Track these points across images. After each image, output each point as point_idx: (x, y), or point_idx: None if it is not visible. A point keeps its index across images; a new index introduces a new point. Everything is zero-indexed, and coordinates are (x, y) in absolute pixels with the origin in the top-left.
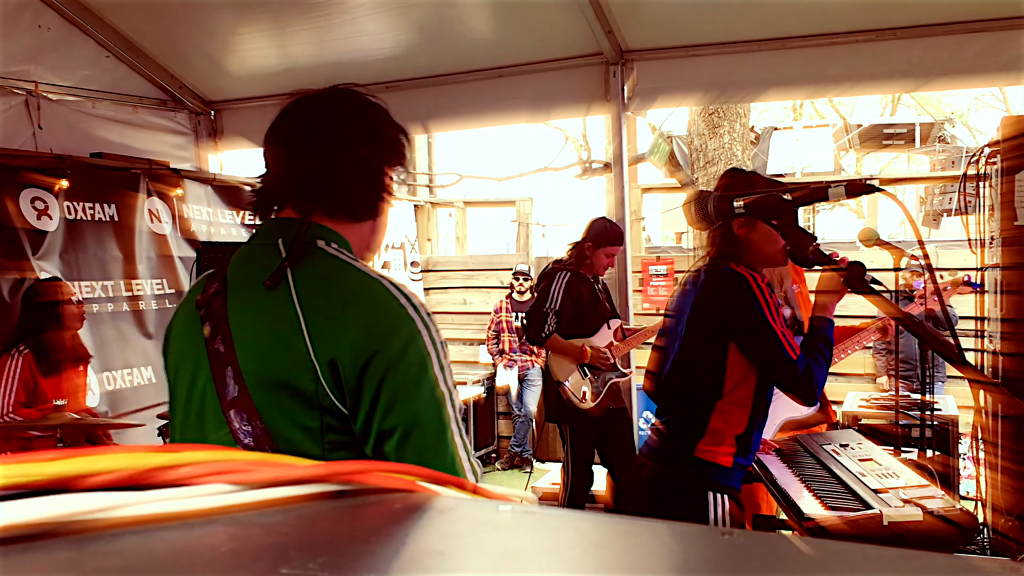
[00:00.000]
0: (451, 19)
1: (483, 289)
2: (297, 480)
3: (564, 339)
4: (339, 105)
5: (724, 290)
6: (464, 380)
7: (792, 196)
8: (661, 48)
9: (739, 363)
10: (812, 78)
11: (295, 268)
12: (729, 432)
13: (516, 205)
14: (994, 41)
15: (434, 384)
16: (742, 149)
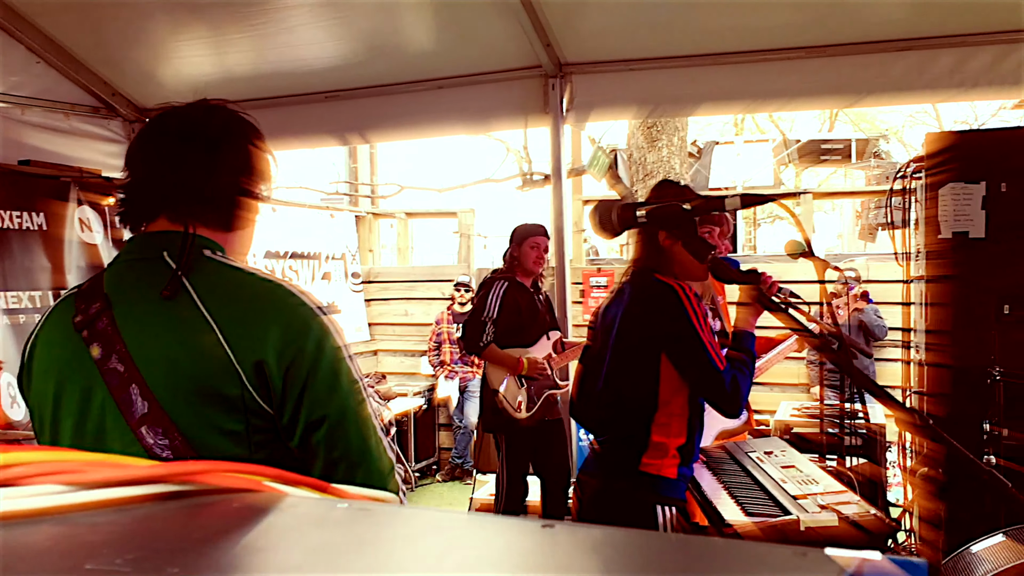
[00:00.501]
0: (391, 30)
1: (424, 300)
2: (134, 480)
3: (501, 349)
4: (207, 118)
5: (653, 300)
6: (404, 392)
7: (691, 206)
8: (599, 62)
9: (672, 374)
10: (745, 93)
11: (191, 278)
12: (671, 444)
13: (458, 216)
14: (919, 60)
15: (351, 373)
16: (680, 162)
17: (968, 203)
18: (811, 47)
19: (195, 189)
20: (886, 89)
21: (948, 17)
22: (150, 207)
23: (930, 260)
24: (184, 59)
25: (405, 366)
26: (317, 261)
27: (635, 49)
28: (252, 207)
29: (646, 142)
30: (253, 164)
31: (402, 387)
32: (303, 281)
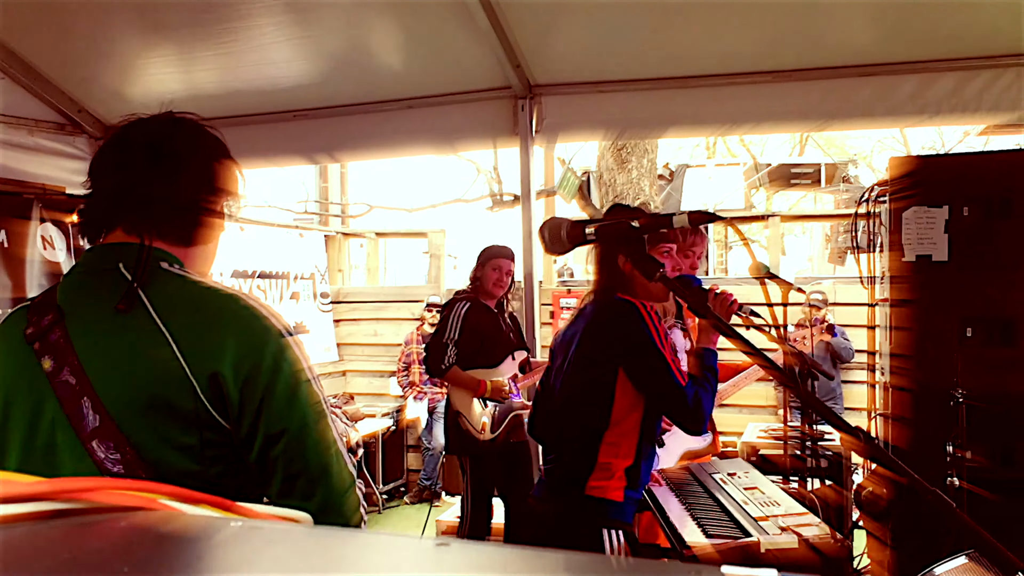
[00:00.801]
0: (360, 49)
1: (394, 321)
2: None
3: (464, 371)
4: (170, 131)
5: (613, 316)
6: (373, 412)
7: (640, 223)
8: (568, 83)
9: (627, 392)
10: (712, 117)
11: (147, 290)
12: (619, 465)
13: (428, 237)
14: (883, 85)
15: (310, 386)
16: (649, 184)
17: (931, 227)
18: (777, 71)
19: (154, 202)
20: (851, 114)
21: (912, 43)
22: (109, 218)
23: (894, 283)
24: (152, 76)
25: (374, 387)
26: (286, 281)
27: (604, 71)
28: (213, 222)
29: (616, 164)
30: (215, 179)
31: (371, 408)
32: (271, 300)
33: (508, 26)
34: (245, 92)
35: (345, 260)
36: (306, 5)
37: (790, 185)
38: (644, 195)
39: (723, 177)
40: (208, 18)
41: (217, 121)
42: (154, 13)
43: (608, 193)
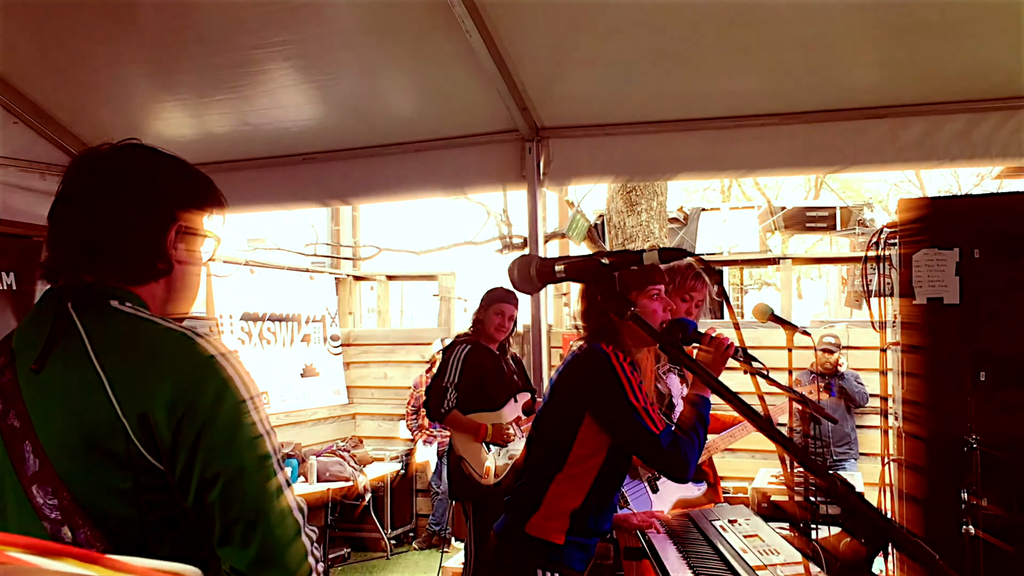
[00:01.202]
0: (369, 94)
1: (403, 363)
2: None
3: (465, 415)
4: (117, 163)
5: (584, 365)
6: (382, 456)
7: (610, 261)
8: (575, 126)
9: (590, 437)
10: (720, 159)
11: (90, 329)
12: (563, 507)
13: (438, 279)
14: (891, 127)
15: (252, 428)
16: (659, 227)
17: (942, 269)
18: (784, 114)
19: (92, 239)
20: (859, 156)
21: (919, 84)
22: (64, 259)
23: (905, 327)
24: (164, 120)
25: (383, 430)
26: (296, 323)
27: (611, 114)
28: (166, 254)
29: (625, 206)
30: (163, 208)
31: (379, 451)
32: (281, 343)
33: (515, 69)
34: (255, 135)
35: (356, 303)
36: (316, 50)
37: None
38: (654, 237)
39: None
40: (220, 62)
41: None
42: (167, 58)
43: (618, 236)
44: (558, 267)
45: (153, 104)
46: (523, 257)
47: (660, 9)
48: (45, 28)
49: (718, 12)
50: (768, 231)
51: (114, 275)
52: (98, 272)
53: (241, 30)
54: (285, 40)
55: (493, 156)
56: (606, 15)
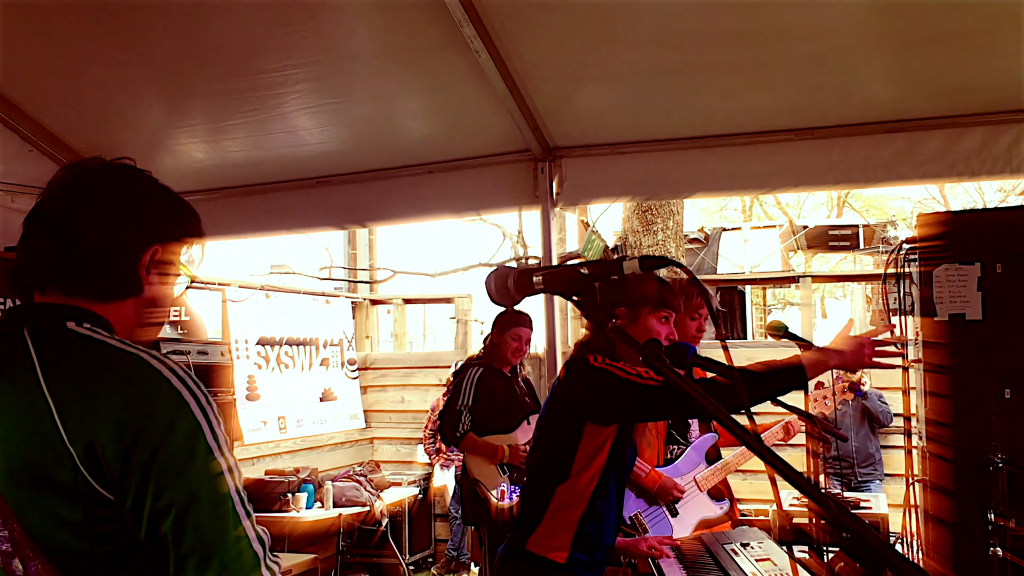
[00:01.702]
0: (381, 116)
1: (421, 387)
2: None
3: (480, 437)
4: (104, 179)
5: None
6: (399, 480)
7: (588, 271)
8: (588, 145)
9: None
10: (735, 176)
11: (42, 353)
12: (565, 519)
13: (455, 302)
14: (909, 141)
15: (208, 455)
16: (676, 246)
17: (964, 285)
18: (800, 129)
19: (57, 257)
20: (876, 171)
21: (937, 97)
22: (33, 266)
23: (927, 344)
24: (179, 146)
25: (401, 454)
26: (314, 347)
27: (624, 132)
28: (135, 273)
29: (641, 226)
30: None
31: (397, 476)
32: (300, 367)
33: (526, 89)
34: (269, 159)
35: (373, 326)
36: (327, 73)
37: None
38: (671, 256)
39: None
40: (233, 87)
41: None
42: (180, 83)
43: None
44: (536, 278)
45: (168, 129)
46: (500, 268)
47: (671, 25)
48: (60, 56)
49: (730, 28)
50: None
51: (82, 289)
52: (64, 284)
53: (253, 55)
54: (297, 64)
55: (506, 177)
56: (617, 32)
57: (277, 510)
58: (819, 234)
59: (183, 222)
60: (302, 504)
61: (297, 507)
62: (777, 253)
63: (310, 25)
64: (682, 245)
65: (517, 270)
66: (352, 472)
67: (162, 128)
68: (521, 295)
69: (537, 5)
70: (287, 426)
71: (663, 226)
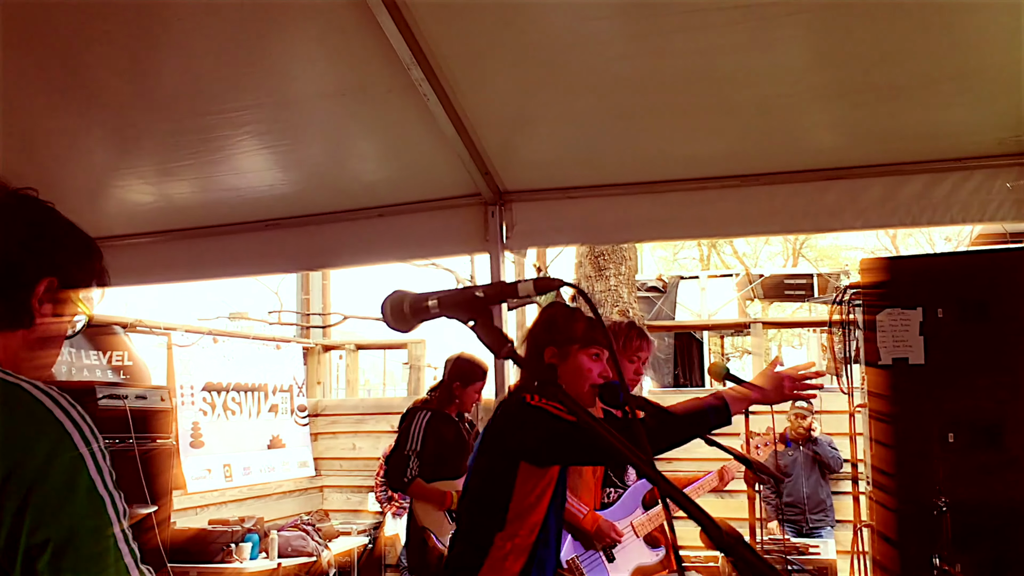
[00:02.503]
0: (330, 159)
1: (373, 434)
2: None
3: (428, 483)
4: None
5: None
6: (349, 530)
7: (484, 293)
8: (538, 189)
9: (528, 490)
10: (682, 221)
11: None
12: (508, 568)
13: (408, 347)
14: (852, 188)
15: (91, 489)
16: (628, 291)
17: (906, 329)
18: (744, 176)
19: None
20: (818, 218)
21: (878, 145)
22: None
23: (872, 394)
24: (124, 187)
25: (352, 503)
26: (263, 393)
27: (573, 177)
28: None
29: (593, 271)
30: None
31: (347, 525)
32: (247, 414)
33: (475, 133)
34: (216, 201)
35: (324, 372)
36: (275, 116)
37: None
38: (623, 303)
39: (716, 288)
40: (180, 127)
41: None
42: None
43: None
44: (431, 302)
45: (114, 171)
46: (396, 293)
47: (619, 71)
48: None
49: (678, 74)
50: (747, 298)
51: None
52: None
53: (200, 95)
54: (245, 105)
55: (457, 221)
56: (566, 77)
57: (219, 561)
58: (775, 283)
59: (84, 257)
60: (246, 555)
61: (241, 558)
62: (734, 302)
63: (258, 66)
64: (635, 291)
65: (412, 295)
66: (300, 521)
67: (108, 169)
68: (417, 319)
69: (486, 50)
70: (233, 474)
71: (615, 271)
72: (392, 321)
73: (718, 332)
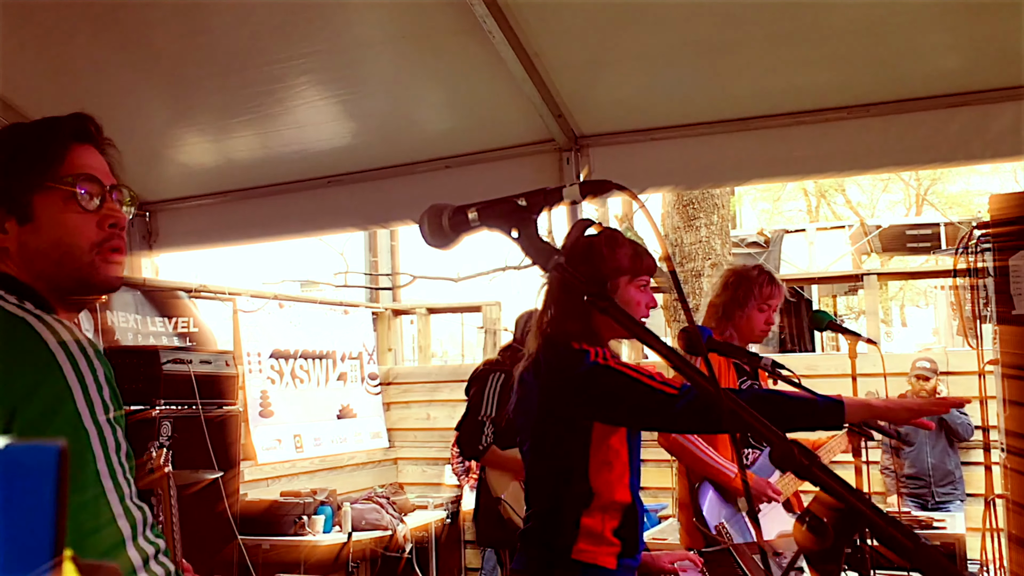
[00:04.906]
0: (393, 108)
1: (448, 403)
2: None
3: (503, 450)
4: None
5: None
6: (425, 504)
7: (527, 201)
8: (617, 132)
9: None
10: (782, 162)
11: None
12: (606, 528)
13: (483, 310)
14: (979, 116)
15: (75, 420)
16: (721, 243)
17: None
18: (852, 107)
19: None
20: (941, 150)
21: (1009, 66)
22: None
23: (1004, 348)
24: (184, 147)
25: (428, 476)
26: (331, 361)
27: (656, 117)
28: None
29: (683, 222)
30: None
31: (423, 499)
32: (315, 382)
33: (547, 73)
34: (278, 157)
35: (395, 338)
36: (336, 63)
37: (906, 249)
38: (716, 255)
39: (826, 242)
40: (238, 82)
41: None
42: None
43: (676, 254)
44: (471, 214)
45: (171, 129)
46: (433, 207)
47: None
48: (57, 58)
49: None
50: (863, 253)
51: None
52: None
53: (258, 46)
54: (303, 53)
55: (529, 169)
56: (645, 9)
57: (292, 534)
58: (895, 235)
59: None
60: (319, 528)
61: (314, 530)
62: (848, 256)
63: (314, 11)
64: (728, 242)
65: (453, 207)
66: (373, 494)
67: (166, 128)
68: (457, 232)
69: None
70: (303, 445)
71: (707, 221)
72: (430, 236)
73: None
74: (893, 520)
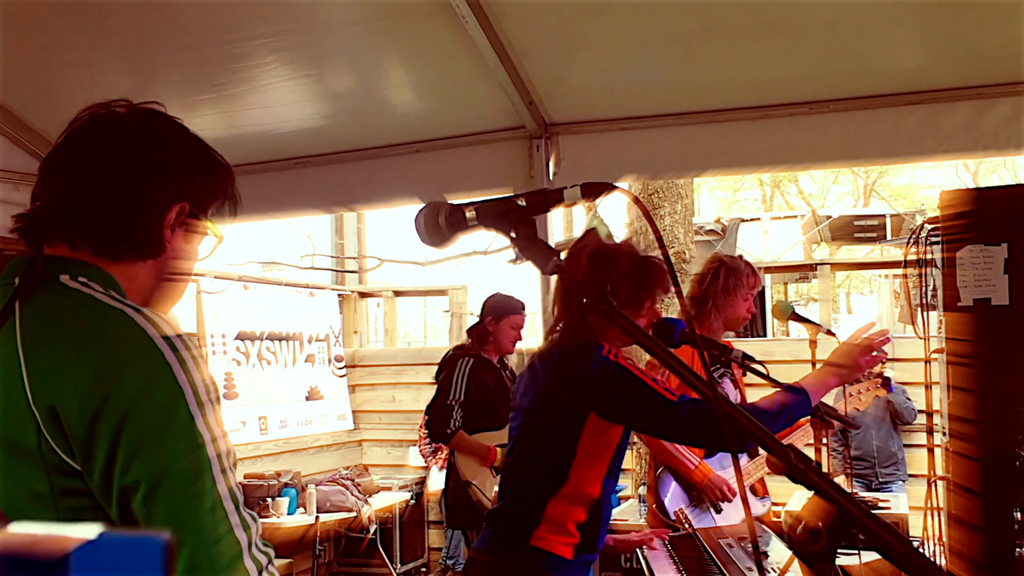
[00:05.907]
0: (363, 90)
1: (413, 385)
2: None
3: (471, 435)
4: (112, 123)
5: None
6: (389, 485)
7: (527, 202)
8: (587, 121)
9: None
10: (747, 154)
11: (26, 307)
12: (569, 519)
13: (449, 294)
14: (934, 113)
15: (188, 425)
16: (684, 232)
17: (989, 267)
18: (814, 102)
19: (88, 198)
20: (897, 146)
21: (964, 66)
22: (40, 213)
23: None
24: None
25: (392, 457)
26: (298, 343)
27: (626, 107)
28: (155, 234)
29: None
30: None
31: (388, 480)
32: (282, 364)
33: (519, 60)
34: (245, 137)
35: (361, 321)
36: (304, 43)
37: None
38: (679, 243)
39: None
40: (203, 59)
41: None
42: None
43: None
44: (469, 213)
45: None
46: (432, 204)
47: None
48: (16, 30)
49: None
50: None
51: (92, 244)
52: (72, 236)
53: (226, 23)
54: (271, 32)
55: (500, 156)
56: None
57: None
58: (844, 224)
59: (216, 180)
60: (283, 509)
61: (278, 512)
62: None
63: None
64: (691, 231)
65: (450, 205)
66: (338, 476)
67: None
68: (453, 232)
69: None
70: (268, 427)
71: (670, 210)
72: (426, 235)
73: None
74: (885, 524)
